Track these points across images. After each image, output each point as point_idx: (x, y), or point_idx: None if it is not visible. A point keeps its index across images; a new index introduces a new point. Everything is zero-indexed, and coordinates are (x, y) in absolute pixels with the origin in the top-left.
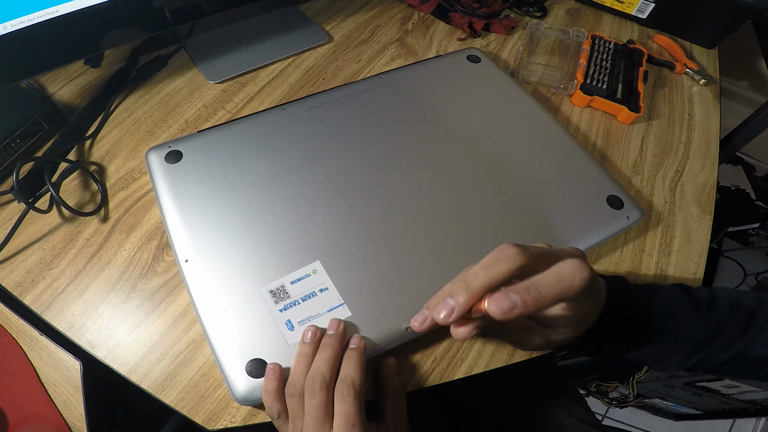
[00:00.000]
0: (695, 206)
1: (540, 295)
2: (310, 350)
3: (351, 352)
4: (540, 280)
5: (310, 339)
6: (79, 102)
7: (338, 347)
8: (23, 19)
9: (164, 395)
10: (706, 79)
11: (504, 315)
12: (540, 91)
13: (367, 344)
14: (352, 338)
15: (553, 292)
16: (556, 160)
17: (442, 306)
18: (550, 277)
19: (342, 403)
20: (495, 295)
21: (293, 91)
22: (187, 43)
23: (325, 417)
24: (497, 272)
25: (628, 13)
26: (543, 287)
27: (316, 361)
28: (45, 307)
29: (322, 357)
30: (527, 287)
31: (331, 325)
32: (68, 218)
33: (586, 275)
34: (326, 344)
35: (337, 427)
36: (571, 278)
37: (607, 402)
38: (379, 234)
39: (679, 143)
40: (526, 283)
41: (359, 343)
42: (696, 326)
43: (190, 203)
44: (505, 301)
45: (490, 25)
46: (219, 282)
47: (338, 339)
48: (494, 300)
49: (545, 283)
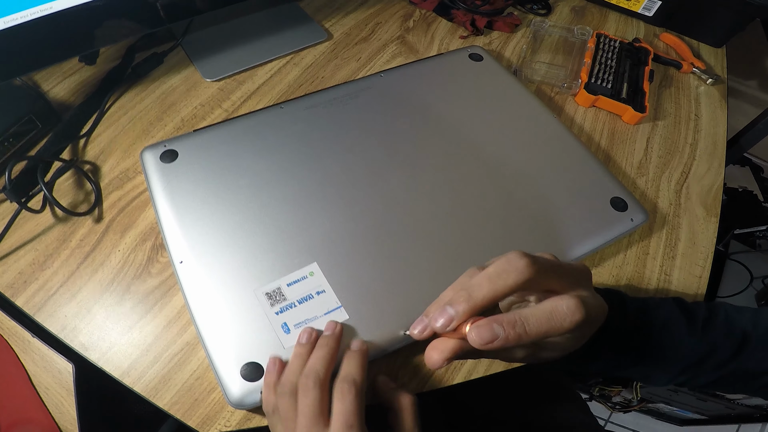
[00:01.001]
0: (701, 208)
1: (525, 332)
2: (305, 351)
3: (352, 353)
4: (528, 315)
5: (306, 340)
6: (73, 100)
7: (335, 347)
8: (16, 16)
9: (158, 399)
10: (713, 78)
11: (483, 346)
12: (543, 91)
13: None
14: (353, 341)
15: (539, 330)
16: (560, 160)
17: (441, 314)
18: (541, 314)
19: (341, 402)
20: (479, 322)
21: (291, 89)
22: (184, 41)
23: (319, 417)
24: (503, 285)
25: (634, 10)
26: (530, 323)
27: (311, 360)
28: (37, 308)
29: (318, 355)
30: (513, 321)
31: (327, 326)
32: (61, 218)
33: (578, 318)
34: (322, 344)
35: (334, 427)
36: (562, 320)
37: (610, 406)
38: (377, 236)
39: (685, 144)
40: (514, 316)
41: (361, 345)
42: (689, 346)
43: (186, 203)
44: (488, 332)
45: (493, 23)
46: (214, 284)
47: (335, 339)
48: (477, 329)
49: (533, 319)
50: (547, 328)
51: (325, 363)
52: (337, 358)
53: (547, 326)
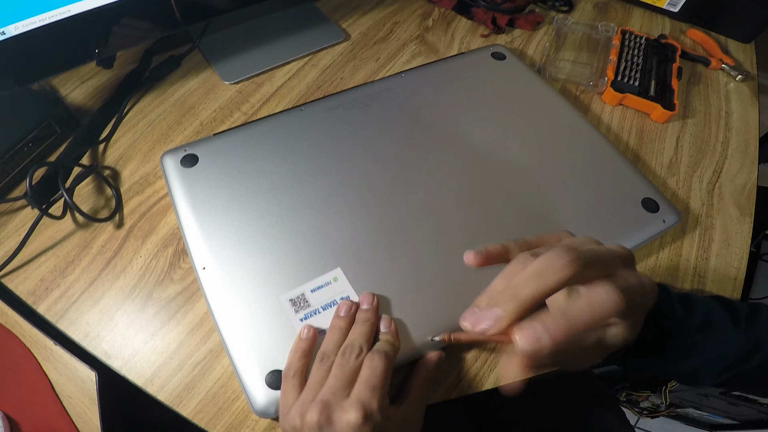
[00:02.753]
0: (734, 208)
1: (569, 328)
2: (344, 324)
3: (384, 334)
4: (569, 311)
5: (344, 313)
6: (91, 104)
7: (374, 322)
8: (35, 20)
9: (181, 407)
10: (743, 74)
11: (530, 351)
12: (568, 89)
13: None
14: (382, 321)
15: (583, 323)
16: (588, 161)
17: (486, 316)
18: (581, 306)
19: (369, 367)
20: (521, 325)
21: (310, 91)
22: (201, 43)
23: (348, 384)
24: (547, 284)
25: (659, 6)
26: (572, 320)
27: (353, 334)
28: (59, 316)
29: (360, 330)
30: (555, 321)
31: (364, 299)
32: (82, 224)
33: (617, 301)
34: (363, 319)
35: (357, 387)
36: (602, 308)
37: (637, 412)
38: (402, 240)
39: (716, 142)
40: (555, 315)
41: (390, 325)
42: (734, 341)
43: (207, 208)
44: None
45: (515, 21)
46: (237, 290)
47: (374, 313)
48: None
49: (574, 314)
50: (590, 318)
51: (366, 338)
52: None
53: (590, 316)
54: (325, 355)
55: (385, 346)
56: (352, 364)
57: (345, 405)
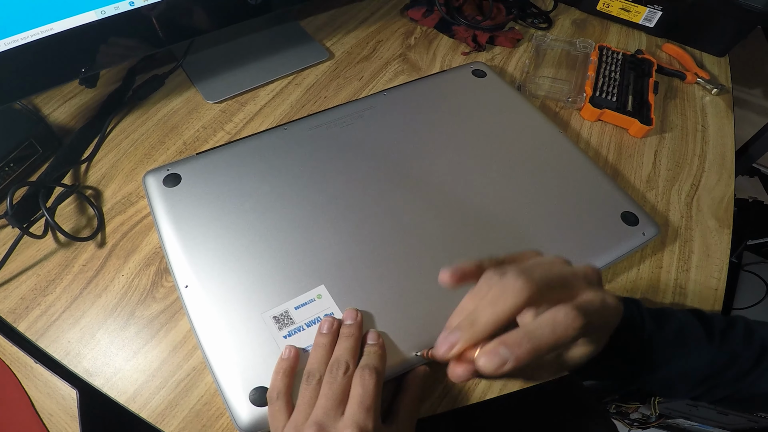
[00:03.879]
0: (713, 220)
1: (532, 348)
2: (328, 341)
3: (371, 347)
4: (532, 330)
5: (327, 330)
6: (74, 124)
7: (359, 336)
8: (17, 38)
9: (164, 425)
10: (718, 88)
11: (493, 372)
12: (548, 106)
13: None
14: (369, 334)
15: (546, 343)
16: (567, 176)
17: (444, 341)
18: (543, 327)
19: (360, 386)
20: (485, 348)
21: (294, 110)
22: (185, 62)
23: (340, 403)
24: (503, 309)
25: (635, 22)
26: (534, 339)
27: (338, 350)
28: (40, 334)
29: (344, 346)
30: (518, 341)
31: (348, 315)
32: (64, 243)
33: (578, 324)
34: (347, 334)
35: (351, 407)
36: (564, 329)
37: (627, 423)
38: (385, 257)
39: (694, 156)
40: (518, 335)
41: (378, 339)
42: (707, 355)
43: (190, 227)
44: (496, 357)
45: (495, 38)
46: (220, 308)
47: (358, 328)
48: (484, 355)
49: (536, 334)
50: (553, 340)
51: (352, 354)
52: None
53: (553, 338)
54: (311, 373)
55: (373, 360)
56: (340, 381)
57: (340, 427)
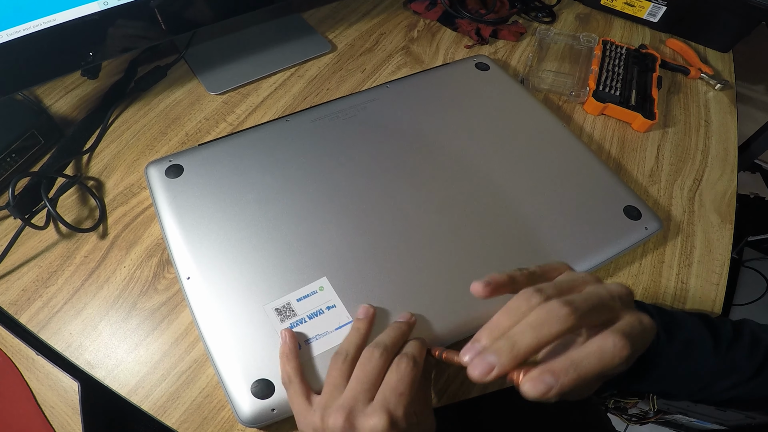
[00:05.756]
0: (715, 215)
1: (577, 376)
2: (363, 325)
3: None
4: (578, 359)
5: (363, 315)
6: (76, 115)
7: (407, 333)
8: (19, 29)
9: (166, 417)
10: (721, 83)
11: (538, 398)
12: (551, 99)
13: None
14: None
15: (592, 372)
16: (571, 170)
17: (481, 362)
18: (590, 356)
19: (395, 372)
20: (531, 374)
21: (296, 102)
22: (187, 53)
23: (372, 387)
24: (546, 335)
25: (639, 17)
26: (582, 367)
27: (382, 335)
28: (42, 326)
29: (389, 333)
30: (565, 369)
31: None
32: (66, 235)
33: (626, 354)
34: (396, 327)
35: (383, 392)
36: (611, 358)
37: (626, 419)
38: (388, 249)
39: (697, 151)
40: (564, 362)
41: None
42: (712, 366)
43: (192, 219)
44: (542, 384)
45: (498, 32)
46: (222, 300)
47: (409, 326)
48: (530, 381)
49: (585, 362)
50: (600, 369)
51: (393, 341)
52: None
53: (599, 367)
54: (342, 353)
55: (415, 350)
56: (375, 364)
57: (369, 410)
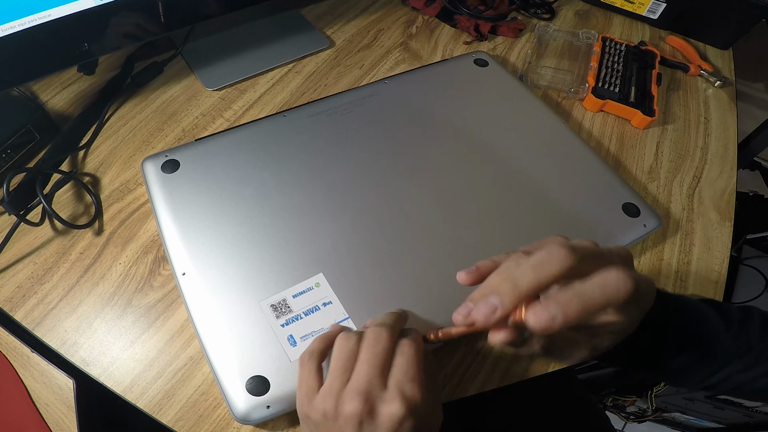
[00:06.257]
0: (714, 213)
1: (582, 307)
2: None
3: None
4: (582, 290)
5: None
6: (72, 111)
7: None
8: (14, 24)
9: (161, 415)
10: (721, 81)
11: (543, 329)
12: (550, 96)
13: None
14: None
15: (595, 303)
16: (569, 166)
17: (484, 305)
18: (593, 287)
19: (401, 356)
20: (534, 307)
21: (294, 98)
22: (184, 49)
23: (383, 370)
24: (546, 273)
25: (638, 13)
26: (585, 298)
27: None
28: (36, 323)
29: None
30: (568, 299)
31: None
32: (61, 231)
33: (630, 286)
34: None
35: (396, 377)
36: (616, 289)
37: (624, 417)
38: (385, 245)
39: (696, 148)
40: (568, 293)
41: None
42: (724, 344)
43: (188, 214)
44: (544, 313)
45: (497, 28)
46: (218, 296)
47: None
48: (533, 312)
49: (587, 293)
50: (604, 301)
51: (394, 323)
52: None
53: (603, 298)
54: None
55: (412, 333)
56: (384, 344)
57: (387, 397)
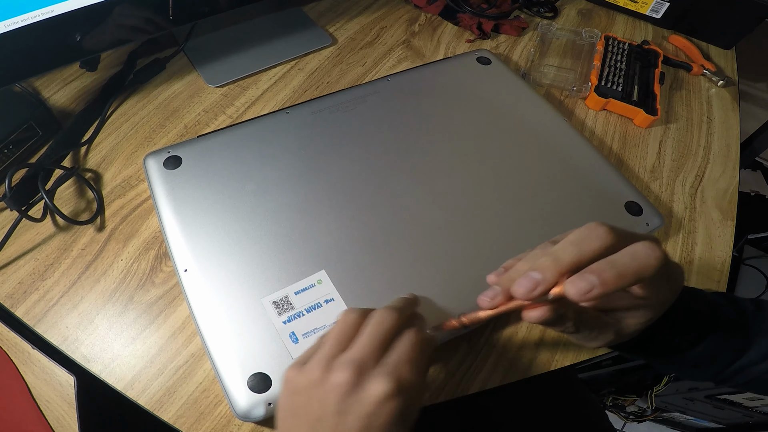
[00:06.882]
0: (717, 212)
1: (617, 274)
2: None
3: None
4: (614, 259)
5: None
6: (74, 107)
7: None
8: (17, 20)
9: (162, 412)
10: (724, 80)
11: (582, 297)
12: (553, 94)
13: None
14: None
15: (629, 270)
16: (572, 165)
17: (525, 280)
18: (624, 256)
19: (407, 338)
20: (572, 277)
21: (296, 95)
22: (187, 46)
23: (383, 346)
24: (588, 249)
25: (641, 13)
26: (619, 266)
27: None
28: (38, 319)
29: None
30: (603, 268)
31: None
32: (63, 227)
33: (659, 254)
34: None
35: (392, 356)
36: (646, 257)
37: (624, 416)
38: (387, 243)
39: (699, 147)
40: (601, 263)
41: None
42: (740, 335)
43: (190, 211)
44: (583, 282)
45: (500, 26)
46: (220, 293)
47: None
48: (571, 282)
49: (620, 261)
50: (636, 267)
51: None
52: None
53: (635, 265)
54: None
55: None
56: (391, 324)
57: (376, 372)
